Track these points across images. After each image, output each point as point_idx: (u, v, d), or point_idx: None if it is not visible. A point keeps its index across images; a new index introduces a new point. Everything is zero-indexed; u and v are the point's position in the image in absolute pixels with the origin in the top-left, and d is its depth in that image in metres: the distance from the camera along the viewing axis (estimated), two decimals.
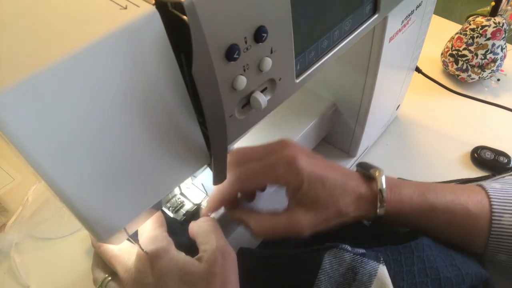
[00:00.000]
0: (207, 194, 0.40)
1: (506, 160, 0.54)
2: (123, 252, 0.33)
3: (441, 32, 0.71)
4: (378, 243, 0.36)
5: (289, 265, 0.35)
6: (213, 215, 0.37)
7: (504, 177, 0.41)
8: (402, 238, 0.38)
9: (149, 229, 0.33)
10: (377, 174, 0.36)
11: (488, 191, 0.37)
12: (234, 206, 0.38)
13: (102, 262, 0.34)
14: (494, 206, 0.36)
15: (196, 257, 0.32)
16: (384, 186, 0.36)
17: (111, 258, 0.33)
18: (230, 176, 0.35)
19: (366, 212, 0.36)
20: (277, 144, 0.36)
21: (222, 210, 0.38)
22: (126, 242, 0.33)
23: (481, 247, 0.36)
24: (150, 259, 0.31)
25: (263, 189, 0.38)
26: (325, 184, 0.34)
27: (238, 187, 0.35)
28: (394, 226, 0.37)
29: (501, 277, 0.38)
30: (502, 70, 0.65)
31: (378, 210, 0.36)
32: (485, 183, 0.39)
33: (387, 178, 0.37)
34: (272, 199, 0.42)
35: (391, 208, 0.36)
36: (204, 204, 0.40)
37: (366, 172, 0.37)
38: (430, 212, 0.36)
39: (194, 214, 0.39)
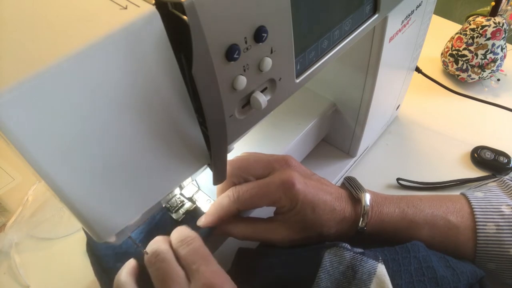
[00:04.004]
0: (199, 188, 0.40)
1: (506, 160, 0.54)
2: None
3: (441, 32, 0.71)
4: (373, 244, 0.36)
5: (289, 264, 0.35)
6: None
7: (487, 183, 0.41)
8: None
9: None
10: (362, 197, 0.37)
11: (471, 200, 0.38)
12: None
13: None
14: (477, 216, 0.36)
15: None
16: (368, 208, 0.37)
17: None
18: (230, 193, 0.36)
19: (347, 231, 0.37)
20: (277, 162, 0.37)
21: None
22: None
23: (470, 255, 0.37)
24: None
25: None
26: (314, 210, 0.35)
27: (237, 208, 0.36)
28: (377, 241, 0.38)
29: (493, 277, 0.38)
30: (502, 70, 0.65)
31: (359, 228, 0.37)
32: (468, 192, 0.40)
33: (370, 197, 0.37)
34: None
35: (371, 227, 0.37)
36: (196, 198, 0.40)
37: (353, 192, 0.38)
38: (411, 228, 0.37)
39: (193, 213, 0.39)
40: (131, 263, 0.33)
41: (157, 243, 0.33)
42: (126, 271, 0.32)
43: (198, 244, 0.32)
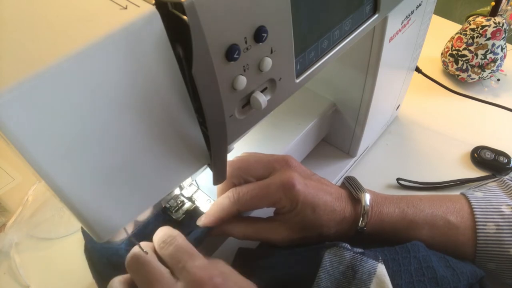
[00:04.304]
0: (198, 188, 0.40)
1: (506, 160, 0.54)
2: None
3: (441, 32, 0.71)
4: (373, 244, 0.36)
5: (289, 263, 0.35)
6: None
7: (487, 183, 0.41)
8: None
9: None
10: (362, 197, 0.37)
11: (471, 200, 0.38)
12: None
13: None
14: (477, 216, 0.36)
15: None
16: (368, 208, 0.36)
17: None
18: (230, 194, 0.36)
19: (347, 231, 0.37)
20: (277, 162, 0.37)
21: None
22: None
23: (470, 255, 0.37)
24: None
25: None
26: (315, 211, 0.35)
27: (237, 209, 0.36)
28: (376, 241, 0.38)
29: (493, 277, 0.38)
30: (502, 70, 0.65)
31: (358, 228, 0.37)
32: (468, 192, 0.40)
33: (370, 197, 0.37)
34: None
35: (371, 227, 0.37)
36: (195, 197, 0.40)
37: (353, 192, 0.38)
38: (411, 228, 0.37)
39: (193, 213, 0.39)
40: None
41: (137, 248, 0.32)
42: (119, 280, 0.32)
43: (181, 241, 0.32)
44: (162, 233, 0.33)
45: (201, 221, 0.37)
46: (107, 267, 0.35)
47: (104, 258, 0.35)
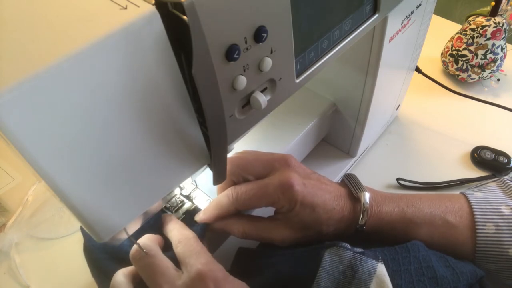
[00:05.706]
0: (196, 186, 0.41)
1: (506, 160, 0.54)
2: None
3: (441, 32, 0.72)
4: (373, 243, 0.36)
5: (289, 263, 0.35)
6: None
7: (487, 183, 0.41)
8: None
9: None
10: (361, 196, 0.37)
11: (471, 200, 0.38)
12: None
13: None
14: (477, 216, 0.36)
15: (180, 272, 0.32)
16: (367, 206, 0.37)
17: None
18: (229, 193, 0.36)
19: (346, 229, 0.37)
20: (277, 161, 0.37)
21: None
22: None
23: (469, 255, 0.37)
24: None
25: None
26: (314, 210, 0.35)
27: (236, 208, 0.36)
28: (375, 241, 0.38)
29: (493, 277, 0.38)
30: (502, 70, 0.65)
31: (358, 227, 0.37)
32: (468, 192, 0.40)
33: (370, 196, 0.37)
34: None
35: (370, 226, 0.37)
36: (193, 196, 0.40)
37: (353, 191, 0.38)
38: (409, 227, 0.37)
39: (193, 213, 0.39)
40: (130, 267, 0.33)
41: (142, 240, 0.33)
42: (123, 272, 0.33)
43: (193, 240, 0.33)
44: (179, 233, 0.34)
45: (199, 217, 0.37)
46: (109, 262, 0.35)
47: (105, 254, 0.36)
